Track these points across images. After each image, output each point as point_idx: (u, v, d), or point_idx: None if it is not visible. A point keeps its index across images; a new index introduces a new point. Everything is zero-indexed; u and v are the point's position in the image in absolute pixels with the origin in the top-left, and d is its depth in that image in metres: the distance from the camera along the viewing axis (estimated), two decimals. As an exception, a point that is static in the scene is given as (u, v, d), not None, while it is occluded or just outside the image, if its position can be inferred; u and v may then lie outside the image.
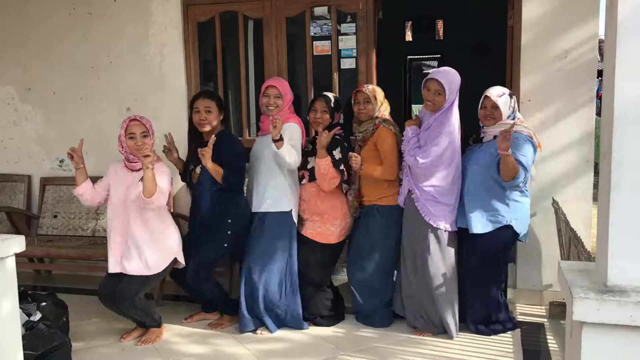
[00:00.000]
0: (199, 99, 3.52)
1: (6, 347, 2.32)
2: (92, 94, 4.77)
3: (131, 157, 3.31)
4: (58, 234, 4.78)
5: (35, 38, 4.88)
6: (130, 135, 3.27)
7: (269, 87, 3.57)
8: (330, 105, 3.54)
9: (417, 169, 3.35)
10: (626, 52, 1.53)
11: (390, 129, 3.52)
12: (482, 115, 3.41)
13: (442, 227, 3.36)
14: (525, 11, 3.80)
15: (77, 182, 3.36)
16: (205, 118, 3.47)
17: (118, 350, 3.37)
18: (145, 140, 3.26)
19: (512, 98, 3.38)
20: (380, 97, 3.59)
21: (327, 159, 3.41)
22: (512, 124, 3.19)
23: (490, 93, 3.35)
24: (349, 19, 4.39)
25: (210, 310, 3.81)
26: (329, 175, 3.42)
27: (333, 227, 3.54)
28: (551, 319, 3.70)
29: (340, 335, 3.52)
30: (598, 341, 1.53)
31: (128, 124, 3.28)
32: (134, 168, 3.33)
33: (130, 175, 3.34)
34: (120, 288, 3.28)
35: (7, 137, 5.07)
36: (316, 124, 3.57)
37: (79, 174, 3.34)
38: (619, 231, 1.56)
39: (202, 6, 4.53)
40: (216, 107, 3.50)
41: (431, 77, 3.36)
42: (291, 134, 3.45)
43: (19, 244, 2.31)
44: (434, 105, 3.35)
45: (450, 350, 3.26)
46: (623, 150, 1.54)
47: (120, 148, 3.33)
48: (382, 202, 3.53)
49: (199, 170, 3.50)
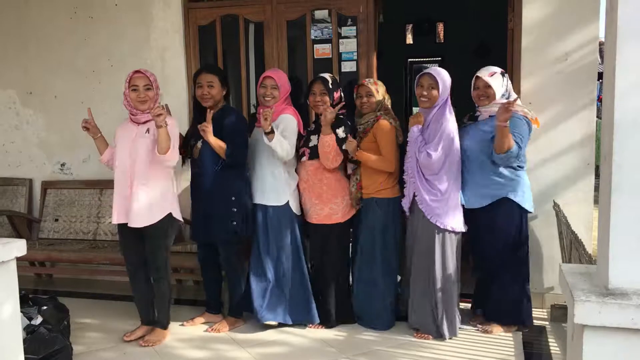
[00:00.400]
0: (202, 73, 3.54)
1: (7, 351, 2.32)
2: (94, 97, 4.77)
3: (134, 110, 3.32)
4: (59, 237, 4.79)
5: (36, 42, 4.89)
6: (133, 88, 3.29)
7: (265, 77, 3.58)
8: (328, 86, 3.56)
9: (428, 164, 3.33)
10: (626, 54, 1.53)
11: (390, 122, 3.54)
12: (475, 96, 3.44)
13: (449, 227, 3.37)
14: (526, 13, 3.81)
15: (100, 151, 3.45)
16: (208, 92, 3.48)
17: (119, 354, 3.37)
18: (148, 93, 3.28)
19: (505, 77, 3.39)
20: (382, 91, 3.63)
21: (331, 136, 3.44)
22: (515, 98, 3.24)
23: (481, 73, 3.39)
24: (349, 22, 4.39)
25: (214, 312, 3.81)
26: (332, 153, 3.45)
27: (335, 205, 3.56)
28: (552, 321, 3.69)
29: (341, 339, 3.52)
30: (599, 344, 1.53)
31: (131, 76, 3.30)
32: (139, 121, 3.34)
33: (136, 128, 3.35)
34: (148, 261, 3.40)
35: (9, 140, 5.08)
36: (316, 107, 3.59)
37: (99, 143, 3.44)
38: (620, 234, 1.56)
39: (203, 10, 4.54)
40: (219, 82, 3.51)
41: (423, 73, 3.41)
42: (286, 125, 3.48)
43: (20, 248, 2.31)
44: (429, 101, 3.37)
45: (452, 353, 3.26)
46: (624, 153, 1.54)
47: (125, 102, 3.35)
48: (381, 194, 3.54)
49: (200, 145, 3.50)
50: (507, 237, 3.39)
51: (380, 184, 3.53)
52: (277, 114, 3.52)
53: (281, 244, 3.57)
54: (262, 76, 3.63)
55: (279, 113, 3.53)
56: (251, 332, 3.62)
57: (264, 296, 3.58)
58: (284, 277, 3.59)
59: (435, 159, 3.30)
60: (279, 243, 3.57)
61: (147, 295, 3.51)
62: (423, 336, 3.46)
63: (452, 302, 3.41)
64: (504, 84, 3.36)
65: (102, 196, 4.76)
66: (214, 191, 3.48)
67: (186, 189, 3.80)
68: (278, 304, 3.58)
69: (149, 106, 3.28)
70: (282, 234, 3.57)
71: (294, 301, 3.60)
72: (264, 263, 3.58)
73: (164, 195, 3.36)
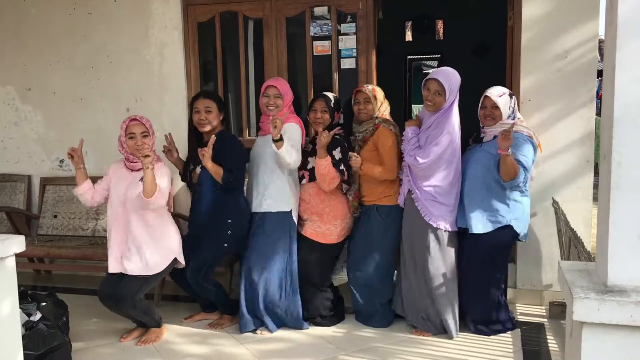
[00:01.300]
0: (199, 98, 3.53)
1: (6, 347, 2.32)
2: (92, 94, 4.77)
3: (131, 157, 3.31)
4: (58, 234, 4.78)
5: (35, 38, 4.88)
6: (130, 135, 3.27)
7: (268, 87, 3.57)
8: (330, 105, 3.54)
9: (416, 169, 3.35)
10: (626, 52, 1.53)
11: (390, 129, 3.52)
12: (482, 115, 3.41)
13: (442, 227, 3.37)
14: (525, 11, 3.80)
15: (77, 182, 3.37)
16: (205, 118, 3.47)
17: (118, 350, 3.37)
18: (145, 140, 3.26)
19: (512, 98, 3.38)
20: (380, 97, 3.60)
21: (327, 159, 3.41)
22: (513, 123, 3.19)
23: (490, 93, 3.35)
24: (349, 19, 4.39)
25: (210, 310, 3.80)
26: (329, 176, 3.42)
27: (333, 227, 3.54)
28: (551, 319, 3.70)
29: (340, 336, 3.52)
30: (598, 341, 1.53)
31: (128, 124, 3.29)
32: (134, 168, 3.33)
33: (131, 175, 3.34)
34: (120, 288, 3.27)
35: (8, 137, 5.07)
36: (316, 124, 3.57)
37: (79, 174, 3.35)
38: (619, 231, 1.56)
39: (202, 6, 4.53)
40: (216, 107, 3.50)
41: (431, 77, 3.36)
42: (291, 134, 3.45)
43: (19, 244, 2.31)
44: (434, 106, 3.35)
45: (450, 351, 3.26)
46: (623, 150, 1.55)
47: (120, 148, 3.33)
48: (382, 202, 3.53)
49: (199, 170, 3.50)
50: (494, 258, 3.40)
51: (381, 192, 3.53)
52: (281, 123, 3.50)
53: (276, 252, 3.50)
54: (264, 86, 3.61)
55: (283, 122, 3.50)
56: (250, 328, 3.63)
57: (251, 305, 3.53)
58: (274, 286, 3.51)
59: (423, 166, 3.29)
60: (273, 251, 3.50)
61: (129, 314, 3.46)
62: (422, 333, 3.46)
63: (449, 299, 3.40)
64: (511, 106, 3.35)
65: (101, 193, 4.75)
66: (210, 213, 3.48)
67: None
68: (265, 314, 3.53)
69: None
70: (279, 242, 3.50)
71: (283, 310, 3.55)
72: (254, 271, 3.50)
73: (166, 240, 3.34)
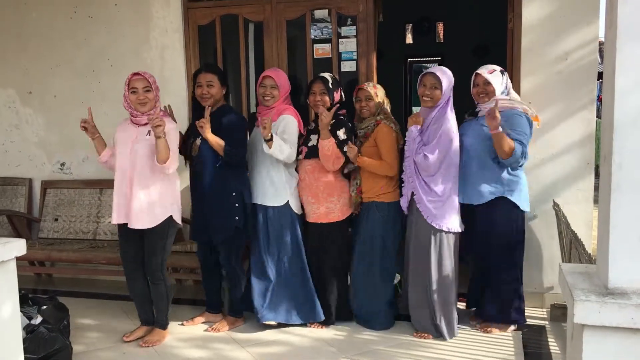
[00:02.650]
0: (201, 72, 3.55)
1: (7, 351, 2.32)
2: (93, 97, 4.77)
3: (135, 112, 3.32)
4: (59, 237, 4.79)
5: (36, 41, 4.89)
6: (132, 90, 3.29)
7: (265, 77, 3.59)
8: (328, 86, 3.56)
9: (425, 165, 3.34)
10: (626, 54, 1.53)
11: (390, 126, 3.53)
12: (475, 93, 3.45)
13: (445, 228, 3.37)
14: (526, 13, 3.81)
15: (98, 151, 3.44)
16: (207, 92, 3.49)
17: (119, 353, 3.36)
18: (148, 94, 3.28)
19: (504, 75, 3.41)
20: (382, 94, 3.63)
21: (330, 140, 3.43)
22: (495, 100, 3.21)
23: (480, 71, 3.40)
24: (349, 22, 4.39)
25: (214, 311, 3.81)
26: (333, 157, 3.45)
27: (331, 204, 3.56)
28: (552, 321, 3.69)
29: (341, 338, 3.52)
30: (599, 344, 1.53)
31: (130, 78, 3.30)
32: (140, 123, 3.34)
33: (136, 129, 3.35)
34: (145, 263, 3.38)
35: (8, 140, 5.08)
36: (316, 107, 3.58)
37: (97, 142, 3.43)
38: (620, 233, 1.56)
39: (202, 9, 4.54)
40: (218, 81, 3.52)
41: (427, 73, 3.41)
42: (286, 125, 3.49)
43: (20, 248, 2.31)
44: (432, 100, 3.37)
45: (452, 353, 3.26)
46: (623, 152, 1.55)
47: (125, 104, 3.35)
48: (381, 198, 3.54)
49: (199, 142, 3.50)
50: (502, 236, 3.39)
51: (381, 188, 3.54)
52: (277, 114, 3.53)
53: (282, 243, 3.58)
54: (261, 76, 3.63)
55: (279, 113, 3.53)
56: (251, 331, 3.62)
57: (264, 296, 3.58)
58: (286, 276, 3.59)
59: (432, 161, 3.31)
60: (279, 242, 3.58)
61: (145, 295, 3.50)
62: (423, 335, 3.46)
63: (449, 302, 3.41)
64: (504, 82, 3.38)
65: (102, 196, 4.76)
66: (214, 189, 3.48)
67: (186, 187, 3.80)
68: (279, 304, 3.58)
69: (149, 108, 3.29)
70: (283, 233, 3.57)
71: (298, 301, 3.60)
72: (265, 263, 3.58)
73: (165, 197, 3.36)
